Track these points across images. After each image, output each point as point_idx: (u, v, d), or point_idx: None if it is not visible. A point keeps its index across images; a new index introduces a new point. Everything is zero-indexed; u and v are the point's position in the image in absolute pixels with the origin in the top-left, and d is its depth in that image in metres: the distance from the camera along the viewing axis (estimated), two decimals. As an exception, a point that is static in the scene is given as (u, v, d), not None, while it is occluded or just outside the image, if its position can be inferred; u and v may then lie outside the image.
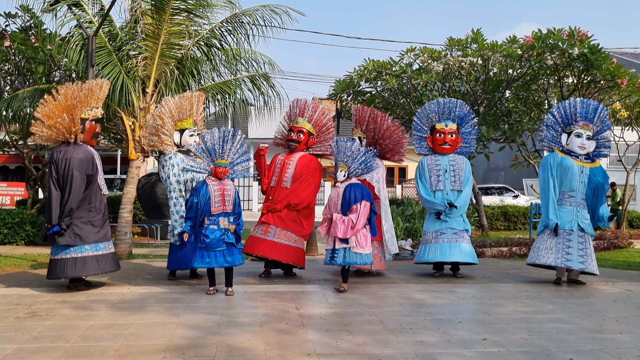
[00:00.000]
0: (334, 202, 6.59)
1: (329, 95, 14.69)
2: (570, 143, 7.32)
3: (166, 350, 4.19)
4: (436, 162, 7.77)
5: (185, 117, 7.29)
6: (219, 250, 6.16)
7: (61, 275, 6.29)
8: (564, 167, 7.26)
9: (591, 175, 7.20)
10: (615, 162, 17.44)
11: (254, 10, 10.51)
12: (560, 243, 7.16)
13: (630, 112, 14.93)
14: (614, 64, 11.13)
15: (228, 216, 6.24)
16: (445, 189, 7.65)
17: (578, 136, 7.29)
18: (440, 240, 7.56)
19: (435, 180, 7.71)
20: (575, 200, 7.23)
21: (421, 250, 7.78)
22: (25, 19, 11.49)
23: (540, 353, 4.22)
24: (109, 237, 6.59)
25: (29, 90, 10.45)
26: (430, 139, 7.86)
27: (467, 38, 12.22)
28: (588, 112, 7.32)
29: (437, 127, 7.79)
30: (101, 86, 6.63)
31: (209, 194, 6.17)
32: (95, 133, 6.63)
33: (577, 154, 7.29)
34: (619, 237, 12.87)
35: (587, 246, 7.14)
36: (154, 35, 9.50)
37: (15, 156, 19.71)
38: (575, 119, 7.35)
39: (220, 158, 6.26)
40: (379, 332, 4.75)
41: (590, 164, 7.28)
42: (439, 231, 7.60)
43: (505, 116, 13.58)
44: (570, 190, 7.25)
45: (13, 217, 11.17)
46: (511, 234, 14.63)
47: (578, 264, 7.08)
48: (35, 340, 4.43)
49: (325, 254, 6.70)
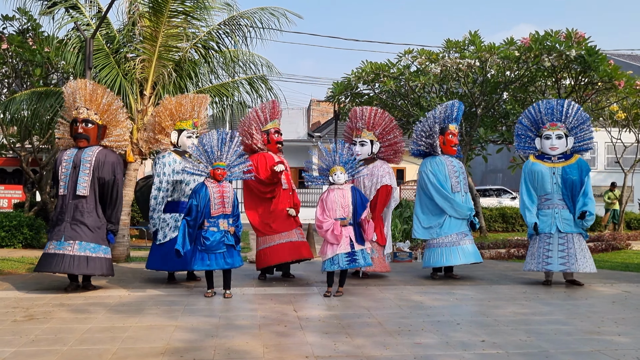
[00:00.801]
0: (338, 205, 6.39)
1: (327, 98, 14.70)
2: (543, 146, 7.34)
3: (164, 353, 4.18)
4: (452, 163, 7.73)
5: (185, 117, 7.27)
6: (219, 252, 6.15)
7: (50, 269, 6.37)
8: (534, 172, 7.30)
9: (563, 174, 7.14)
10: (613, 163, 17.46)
11: (252, 13, 10.53)
12: (541, 248, 7.20)
13: (627, 113, 14.97)
14: (612, 66, 11.16)
15: (227, 218, 6.23)
16: (462, 191, 7.67)
17: (547, 138, 7.29)
18: (444, 245, 7.51)
19: (456, 182, 7.66)
20: (552, 203, 7.22)
21: (431, 254, 7.61)
22: (23, 22, 11.50)
23: (539, 355, 4.21)
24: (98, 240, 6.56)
25: (27, 93, 10.45)
26: (442, 139, 7.72)
27: (465, 40, 12.25)
28: (554, 111, 7.29)
29: (451, 128, 7.72)
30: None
31: (209, 196, 6.16)
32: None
33: (550, 156, 7.27)
34: (617, 239, 12.88)
35: (569, 246, 7.07)
36: (152, 38, 9.49)
37: (12, 159, 19.66)
38: (542, 121, 7.35)
39: (218, 160, 6.25)
40: (377, 334, 4.74)
41: (563, 162, 7.21)
42: (449, 235, 7.55)
43: (503, 118, 13.59)
44: (545, 194, 7.26)
45: (10, 220, 11.15)
46: (509, 236, 14.64)
47: (559, 266, 7.05)
48: (33, 344, 4.41)
49: (333, 260, 6.33)
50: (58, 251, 6.32)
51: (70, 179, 6.48)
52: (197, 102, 7.38)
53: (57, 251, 6.32)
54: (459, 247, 7.49)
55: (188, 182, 7.09)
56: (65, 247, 6.32)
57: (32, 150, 13.59)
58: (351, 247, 6.32)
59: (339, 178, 6.48)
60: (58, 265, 6.27)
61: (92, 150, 6.61)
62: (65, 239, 6.34)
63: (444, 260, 7.47)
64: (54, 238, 6.42)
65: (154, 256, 7.15)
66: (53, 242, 6.40)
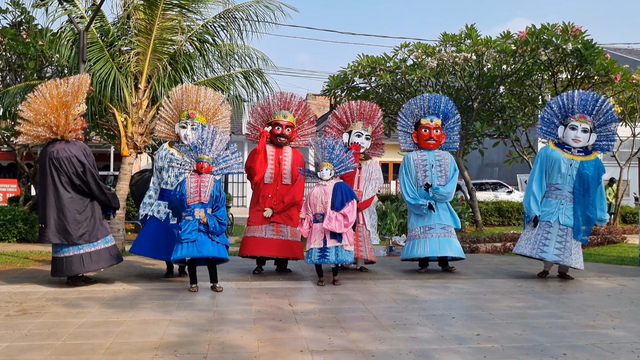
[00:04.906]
0: (319, 201, 6.53)
1: (323, 91, 14.67)
2: (565, 136, 7.24)
3: (158, 347, 4.16)
4: (422, 157, 7.72)
5: (186, 108, 7.20)
6: (192, 241, 6.08)
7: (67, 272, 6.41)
8: (550, 159, 7.22)
9: (580, 168, 7.07)
10: (609, 157, 17.51)
11: (247, 6, 10.45)
12: (539, 235, 7.16)
13: (623, 107, 14.97)
14: (608, 60, 11.16)
15: (205, 207, 6.18)
16: (433, 184, 7.62)
17: (573, 129, 7.19)
18: (429, 235, 7.51)
19: (422, 175, 7.65)
20: (561, 194, 7.16)
21: (408, 246, 7.73)
22: (16, 14, 11.40)
23: (534, 348, 4.21)
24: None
25: (20, 87, 10.36)
26: (415, 134, 7.81)
27: (461, 33, 12.22)
28: (586, 104, 7.20)
29: (422, 122, 7.74)
30: (86, 81, 6.65)
31: (185, 186, 6.18)
32: (84, 128, 6.75)
33: (571, 147, 7.23)
34: (613, 232, 12.91)
35: (567, 239, 7.05)
36: (146, 31, 9.42)
37: (7, 153, 19.59)
38: (572, 111, 7.25)
39: (201, 153, 6.26)
40: (372, 328, 4.73)
41: (582, 157, 7.15)
42: (427, 226, 7.55)
43: (500, 112, 13.60)
44: (556, 182, 7.20)
45: (5, 214, 11.09)
46: (505, 230, 14.64)
47: (553, 257, 7.05)
48: (26, 338, 4.38)
49: (309, 253, 6.60)
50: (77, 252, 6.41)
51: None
52: (196, 93, 7.23)
53: (76, 252, 6.41)
54: (442, 238, 7.48)
55: (167, 168, 7.09)
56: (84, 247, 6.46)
57: (27, 145, 13.50)
58: (324, 242, 6.41)
59: (323, 174, 6.57)
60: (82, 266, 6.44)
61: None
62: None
63: (427, 251, 7.47)
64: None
65: (140, 240, 7.14)
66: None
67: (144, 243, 6.99)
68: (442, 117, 7.84)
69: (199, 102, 7.22)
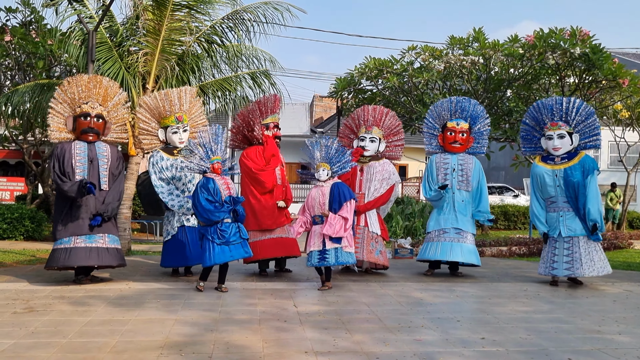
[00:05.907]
0: (316, 202, 6.49)
1: (330, 93, 14.66)
2: (547, 147, 7.21)
3: (163, 347, 4.18)
4: (445, 160, 7.68)
5: (165, 114, 7.23)
6: (237, 243, 6.17)
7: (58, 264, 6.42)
8: (536, 175, 7.21)
9: (565, 176, 6.99)
10: (616, 162, 17.42)
11: (255, 7, 10.50)
12: (549, 252, 7.14)
13: (631, 112, 14.91)
14: (616, 64, 11.10)
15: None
16: (452, 188, 7.58)
17: (549, 138, 7.14)
18: (442, 239, 7.49)
19: (442, 178, 7.60)
20: (557, 206, 7.10)
21: (424, 247, 7.73)
22: (26, 14, 11.50)
23: (539, 353, 4.20)
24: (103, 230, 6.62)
25: (29, 86, 10.45)
26: (441, 137, 7.74)
27: (469, 37, 12.20)
28: (553, 110, 7.11)
29: (449, 125, 7.67)
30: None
31: (218, 188, 6.18)
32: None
33: (554, 156, 7.14)
34: (619, 238, 12.86)
35: (575, 250, 6.94)
36: (155, 31, 9.48)
37: (15, 151, 19.69)
38: (543, 122, 7.22)
39: (215, 154, 6.31)
40: (377, 331, 4.73)
41: (566, 163, 7.04)
42: (442, 230, 7.53)
43: (507, 115, 13.55)
44: (549, 197, 7.16)
45: (12, 212, 11.17)
46: (511, 234, 14.62)
47: (564, 271, 6.97)
48: (32, 336, 4.41)
49: (309, 256, 6.55)
50: (90, 244, 6.42)
51: (89, 174, 6.52)
52: (174, 96, 7.26)
53: (89, 244, 6.42)
54: (455, 243, 7.44)
55: (179, 177, 7.12)
56: (97, 240, 6.47)
57: (35, 143, 13.60)
58: (323, 245, 6.40)
59: (320, 175, 6.54)
60: (93, 258, 6.41)
61: (104, 145, 6.77)
62: (96, 232, 6.47)
63: (437, 254, 7.45)
64: (79, 232, 6.43)
65: (166, 253, 7.20)
66: (81, 237, 6.42)
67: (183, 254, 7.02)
68: (470, 121, 7.72)
69: (182, 103, 7.29)
